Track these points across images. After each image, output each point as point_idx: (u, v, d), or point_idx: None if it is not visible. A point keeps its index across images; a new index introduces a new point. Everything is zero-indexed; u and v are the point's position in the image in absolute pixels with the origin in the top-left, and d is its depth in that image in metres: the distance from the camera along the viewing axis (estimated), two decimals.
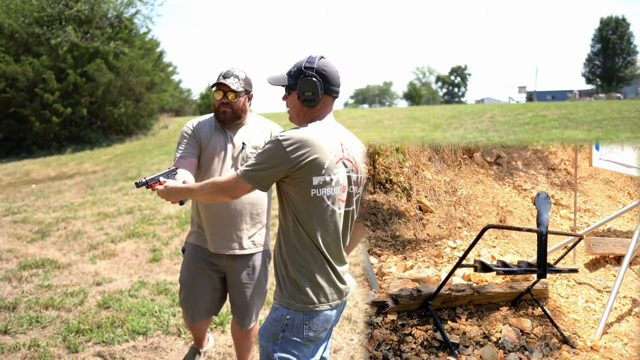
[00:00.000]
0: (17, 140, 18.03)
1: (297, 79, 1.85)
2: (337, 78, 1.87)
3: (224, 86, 2.60)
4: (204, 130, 2.67)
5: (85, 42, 18.06)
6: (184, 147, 2.64)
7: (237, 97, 2.60)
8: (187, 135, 2.67)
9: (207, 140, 2.66)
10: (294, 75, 1.86)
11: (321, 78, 1.83)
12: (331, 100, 1.89)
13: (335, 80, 1.87)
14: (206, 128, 2.69)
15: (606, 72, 50.09)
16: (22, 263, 5.18)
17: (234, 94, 2.60)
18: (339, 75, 1.89)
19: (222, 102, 2.61)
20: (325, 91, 1.85)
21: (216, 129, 2.68)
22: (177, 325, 3.75)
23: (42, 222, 6.89)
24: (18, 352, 3.40)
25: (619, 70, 49.64)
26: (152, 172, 10.68)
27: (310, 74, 1.83)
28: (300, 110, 1.89)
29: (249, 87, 2.67)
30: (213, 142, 2.66)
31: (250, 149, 2.65)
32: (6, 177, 12.33)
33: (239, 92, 2.61)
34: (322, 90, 1.83)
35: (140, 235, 6.11)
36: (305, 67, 1.84)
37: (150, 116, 20.92)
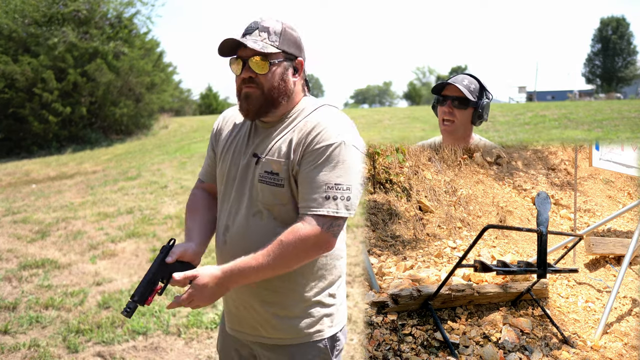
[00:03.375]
0: (16, 140, 18.03)
1: (479, 98, 2.09)
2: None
3: (245, 48, 1.51)
4: (228, 129, 1.72)
5: (84, 42, 18.05)
6: (205, 164, 1.82)
7: (269, 64, 1.52)
8: (210, 139, 1.80)
9: (223, 145, 1.70)
10: (478, 94, 2.11)
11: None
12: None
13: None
14: (233, 124, 1.72)
15: (606, 72, 50.08)
16: (22, 263, 5.18)
17: (262, 60, 1.51)
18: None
19: (242, 80, 1.54)
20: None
21: (244, 125, 1.69)
22: (177, 325, 3.75)
23: (42, 222, 6.89)
24: (18, 352, 3.40)
25: (619, 70, 49.64)
26: (152, 172, 10.66)
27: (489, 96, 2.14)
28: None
29: (292, 47, 1.56)
30: (227, 150, 1.68)
31: (266, 167, 1.56)
32: (6, 177, 12.33)
33: (272, 57, 1.52)
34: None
35: (140, 235, 6.11)
36: (486, 88, 2.12)
37: (150, 116, 20.93)
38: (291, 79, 1.57)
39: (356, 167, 1.52)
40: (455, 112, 2.13)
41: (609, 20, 50.67)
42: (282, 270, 1.51)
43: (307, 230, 1.46)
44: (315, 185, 1.48)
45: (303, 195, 1.51)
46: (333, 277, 1.66)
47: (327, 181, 1.47)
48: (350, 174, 1.50)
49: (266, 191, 1.56)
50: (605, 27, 50.73)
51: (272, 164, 1.54)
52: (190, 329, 3.69)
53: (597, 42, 51.25)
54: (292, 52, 1.56)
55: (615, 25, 50.24)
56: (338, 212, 1.48)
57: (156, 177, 10.04)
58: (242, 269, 1.48)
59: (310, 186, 1.49)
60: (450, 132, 2.18)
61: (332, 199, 1.47)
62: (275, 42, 1.52)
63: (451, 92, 2.12)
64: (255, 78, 1.52)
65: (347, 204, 1.49)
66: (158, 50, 22.03)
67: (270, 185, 1.55)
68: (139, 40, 20.37)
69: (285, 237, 1.47)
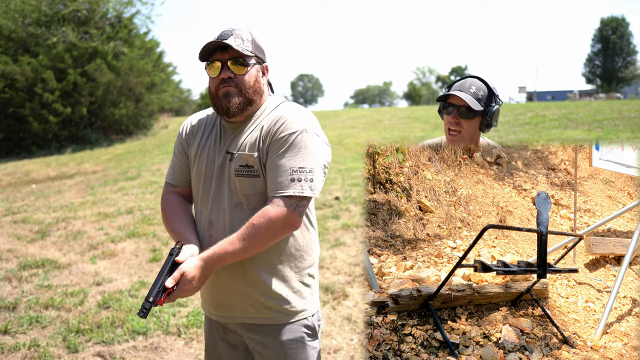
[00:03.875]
0: (16, 140, 18.04)
1: (488, 105, 2.02)
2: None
3: (222, 52, 1.66)
4: (199, 133, 1.84)
5: (84, 42, 18.04)
6: (173, 168, 1.89)
7: (245, 66, 1.67)
8: (177, 145, 1.89)
9: (196, 148, 1.82)
10: (486, 101, 2.03)
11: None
12: None
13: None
14: (202, 128, 1.85)
15: (606, 72, 50.09)
16: (22, 263, 5.18)
17: (239, 62, 1.66)
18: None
19: (221, 80, 1.67)
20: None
21: (213, 128, 1.82)
22: (177, 325, 3.75)
23: (42, 222, 6.89)
24: (18, 352, 3.40)
25: (619, 70, 49.65)
26: (152, 173, 10.66)
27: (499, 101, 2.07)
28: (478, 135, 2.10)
29: (261, 53, 1.73)
30: (201, 152, 1.80)
31: (240, 161, 1.69)
32: (6, 177, 12.33)
33: (248, 59, 1.67)
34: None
35: (140, 235, 6.11)
36: (495, 93, 2.04)
37: (150, 116, 20.93)
38: (262, 80, 1.74)
39: (318, 151, 1.67)
40: (461, 122, 2.03)
41: (609, 20, 50.68)
42: (256, 250, 1.64)
43: (276, 211, 1.60)
44: (281, 170, 1.62)
45: (271, 180, 1.65)
46: (311, 258, 1.81)
47: (291, 165, 1.62)
48: (313, 158, 1.64)
49: (244, 183, 1.69)
50: (605, 27, 50.73)
51: (245, 157, 1.68)
52: (190, 329, 3.69)
53: (597, 42, 51.26)
54: (261, 57, 1.74)
55: (615, 25, 50.25)
56: (303, 192, 1.62)
57: (156, 177, 10.04)
58: (220, 254, 1.61)
59: (277, 171, 1.63)
60: (457, 142, 2.09)
61: (297, 180, 1.62)
62: (249, 47, 1.68)
63: (457, 101, 2.02)
64: (234, 78, 1.67)
65: (310, 185, 1.63)
66: (158, 50, 22.04)
67: (247, 177, 1.69)
68: (138, 40, 20.37)
69: (257, 220, 1.61)
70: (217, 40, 1.65)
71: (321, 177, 1.68)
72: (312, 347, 1.80)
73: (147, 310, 1.53)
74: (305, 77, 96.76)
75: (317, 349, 1.83)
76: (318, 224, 6.00)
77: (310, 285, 1.81)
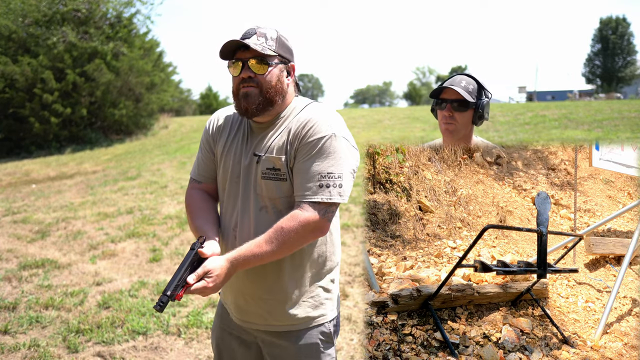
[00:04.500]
0: (16, 140, 18.04)
1: (479, 98, 2.07)
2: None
3: (244, 50, 1.63)
4: (225, 130, 1.79)
5: (84, 42, 18.04)
6: (198, 164, 1.86)
7: (267, 66, 1.63)
8: (203, 141, 1.85)
9: (223, 146, 1.78)
10: (477, 94, 2.07)
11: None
12: None
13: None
14: (229, 126, 1.80)
15: (606, 72, 50.08)
16: (22, 263, 5.18)
17: (261, 61, 1.62)
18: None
19: (241, 79, 1.64)
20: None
21: (240, 127, 1.78)
22: (177, 325, 3.75)
23: (42, 222, 6.89)
24: (18, 352, 3.40)
25: (619, 70, 49.63)
26: (152, 173, 10.66)
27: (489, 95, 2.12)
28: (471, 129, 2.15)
29: (286, 52, 1.69)
30: (227, 150, 1.77)
31: (267, 164, 1.66)
32: (6, 177, 12.33)
33: (270, 58, 1.64)
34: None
35: (140, 235, 6.11)
36: (484, 87, 2.09)
37: (150, 116, 20.91)
38: (285, 80, 1.69)
39: (346, 156, 1.64)
40: (455, 115, 2.11)
41: (608, 20, 50.66)
42: (283, 254, 1.62)
43: (306, 216, 1.58)
44: (309, 175, 1.60)
45: (298, 185, 1.62)
46: (332, 264, 1.78)
47: (320, 171, 1.60)
48: (341, 163, 1.62)
49: (271, 186, 1.67)
50: (605, 27, 50.71)
51: (273, 160, 1.65)
52: (190, 329, 3.69)
53: (597, 42, 51.24)
54: (287, 56, 1.69)
55: (615, 25, 50.23)
56: (332, 199, 1.60)
57: (156, 177, 10.04)
58: (246, 256, 1.58)
59: (305, 176, 1.61)
60: (452, 131, 2.15)
61: (326, 186, 1.60)
62: (272, 47, 1.64)
63: (450, 95, 2.10)
64: (254, 78, 1.63)
65: (339, 191, 1.62)
66: (158, 50, 22.02)
67: (274, 181, 1.66)
68: (138, 40, 20.35)
69: (286, 224, 1.58)
70: (236, 39, 1.62)
71: (350, 182, 1.66)
72: (326, 354, 1.76)
73: (164, 304, 1.48)
74: (305, 77, 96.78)
75: (332, 356, 1.79)
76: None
77: (331, 290, 1.78)
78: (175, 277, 1.53)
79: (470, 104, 2.08)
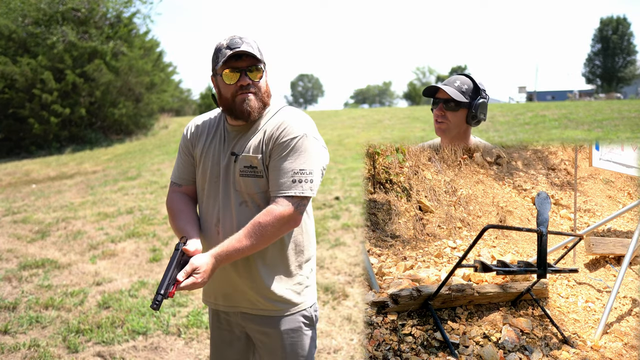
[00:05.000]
0: (16, 140, 18.04)
1: (474, 99, 2.07)
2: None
3: (242, 58, 1.73)
4: (203, 135, 1.92)
5: (84, 42, 18.03)
6: (178, 168, 1.97)
7: (260, 72, 1.76)
8: (181, 145, 1.96)
9: (201, 150, 1.90)
10: (472, 94, 2.08)
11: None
12: None
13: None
14: (207, 130, 1.92)
15: (606, 72, 50.08)
16: (22, 263, 5.18)
17: (256, 68, 1.75)
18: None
19: (240, 86, 1.74)
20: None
21: (217, 131, 1.89)
22: (177, 325, 3.75)
23: (42, 222, 6.89)
24: (18, 352, 3.40)
25: (619, 70, 49.64)
26: (152, 172, 10.66)
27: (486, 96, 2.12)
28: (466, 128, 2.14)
29: (264, 59, 1.82)
30: (206, 153, 1.89)
31: (244, 162, 1.79)
32: (6, 177, 12.33)
33: (262, 64, 1.77)
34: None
35: (140, 235, 6.11)
36: (481, 88, 2.08)
37: (150, 116, 20.90)
38: (268, 83, 1.84)
39: (317, 155, 1.79)
40: (447, 114, 2.14)
41: (609, 20, 50.67)
42: (262, 246, 1.75)
43: (280, 210, 1.72)
44: (283, 171, 1.74)
45: (274, 181, 1.76)
46: (309, 253, 1.93)
47: (293, 168, 1.74)
48: (312, 161, 1.77)
49: (249, 183, 1.80)
50: (605, 27, 50.73)
51: (249, 159, 1.78)
52: (190, 329, 3.69)
53: (597, 42, 51.26)
54: (264, 61, 1.81)
55: (615, 25, 50.24)
56: (304, 193, 1.75)
57: (156, 177, 10.04)
58: (229, 251, 1.71)
59: (280, 173, 1.75)
60: (444, 130, 2.18)
61: (298, 182, 1.74)
62: (259, 54, 1.76)
63: (442, 95, 2.14)
64: (251, 84, 1.76)
65: (310, 186, 1.76)
66: (158, 50, 21.99)
67: (251, 178, 1.80)
68: (138, 40, 20.33)
69: (263, 219, 1.72)
70: (241, 50, 1.71)
71: (319, 178, 1.81)
72: (309, 336, 1.93)
73: (160, 303, 1.60)
74: (305, 77, 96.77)
75: (313, 338, 1.96)
76: (318, 224, 6.00)
77: (309, 277, 1.93)
78: (165, 276, 1.65)
79: (463, 104, 2.11)
